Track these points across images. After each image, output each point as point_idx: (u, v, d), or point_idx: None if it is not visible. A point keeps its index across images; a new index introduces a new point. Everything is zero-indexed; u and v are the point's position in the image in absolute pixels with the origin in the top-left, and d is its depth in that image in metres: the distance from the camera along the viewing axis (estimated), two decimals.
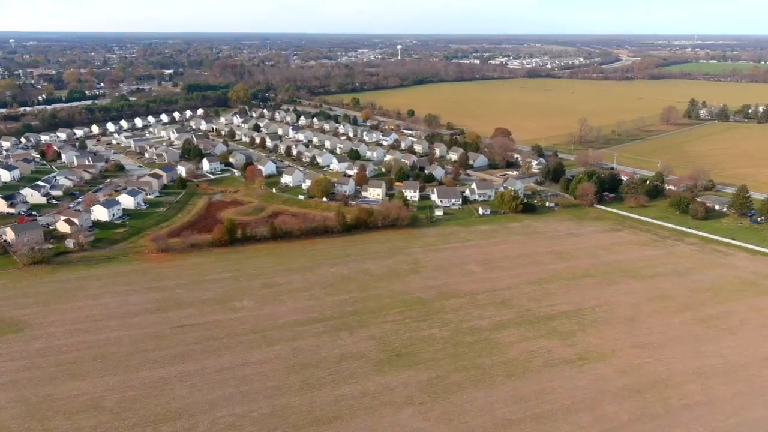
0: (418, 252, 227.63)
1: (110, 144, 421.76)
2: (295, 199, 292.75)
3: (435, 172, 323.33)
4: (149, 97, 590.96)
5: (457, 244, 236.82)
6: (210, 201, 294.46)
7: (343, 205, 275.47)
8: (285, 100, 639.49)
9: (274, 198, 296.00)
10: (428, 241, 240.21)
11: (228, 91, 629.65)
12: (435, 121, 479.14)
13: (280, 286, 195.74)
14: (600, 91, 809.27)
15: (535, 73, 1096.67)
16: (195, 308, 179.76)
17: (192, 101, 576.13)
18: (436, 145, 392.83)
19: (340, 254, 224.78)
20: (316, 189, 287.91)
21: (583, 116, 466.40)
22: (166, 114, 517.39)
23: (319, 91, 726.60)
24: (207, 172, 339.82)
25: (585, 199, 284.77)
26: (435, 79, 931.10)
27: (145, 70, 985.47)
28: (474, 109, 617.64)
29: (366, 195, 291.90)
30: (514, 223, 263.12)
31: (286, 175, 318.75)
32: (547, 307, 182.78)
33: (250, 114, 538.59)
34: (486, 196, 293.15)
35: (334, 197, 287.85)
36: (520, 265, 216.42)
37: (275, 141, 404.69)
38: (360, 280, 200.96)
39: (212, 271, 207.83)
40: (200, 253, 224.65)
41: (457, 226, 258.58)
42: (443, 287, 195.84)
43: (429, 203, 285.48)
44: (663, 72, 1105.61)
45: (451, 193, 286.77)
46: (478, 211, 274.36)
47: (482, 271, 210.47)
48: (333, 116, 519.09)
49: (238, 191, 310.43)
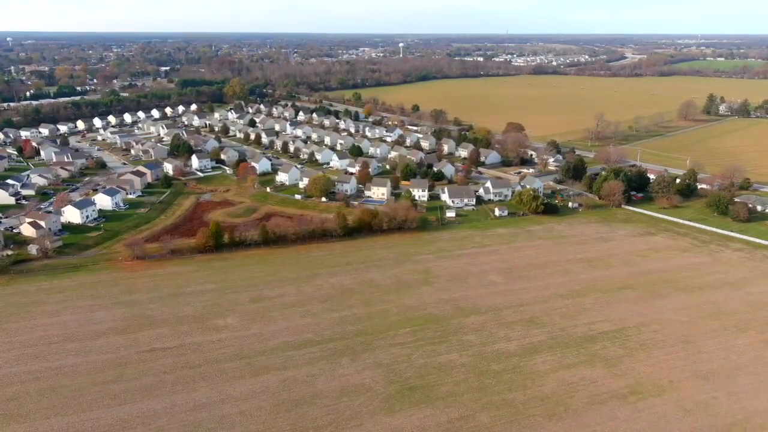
0: (429, 259, 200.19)
1: (95, 140, 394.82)
2: (291, 199, 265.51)
3: (445, 169, 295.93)
4: (140, 92, 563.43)
5: (473, 250, 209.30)
6: (197, 201, 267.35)
7: (344, 206, 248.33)
8: (283, 95, 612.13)
9: (268, 198, 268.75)
10: (440, 246, 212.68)
11: (224, 87, 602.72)
12: (441, 117, 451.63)
13: (271, 300, 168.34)
14: (610, 87, 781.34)
15: (541, 69, 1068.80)
16: (169, 327, 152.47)
17: (185, 97, 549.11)
18: (444, 141, 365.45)
19: (341, 262, 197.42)
20: (314, 188, 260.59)
21: (598, 111, 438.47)
22: (157, 109, 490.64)
23: (319, 87, 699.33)
24: (196, 170, 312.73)
25: (612, 199, 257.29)
26: (439, 75, 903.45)
27: (141, 67, 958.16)
28: (481, 105, 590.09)
29: (369, 194, 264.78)
30: (535, 226, 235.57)
31: (281, 172, 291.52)
32: (585, 325, 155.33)
33: (247, 110, 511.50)
34: (502, 195, 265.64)
35: (334, 197, 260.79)
36: (548, 274, 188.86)
37: (271, 137, 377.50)
38: (363, 293, 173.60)
39: (193, 282, 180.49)
40: (181, 261, 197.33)
41: (472, 230, 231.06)
42: (461, 301, 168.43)
43: (439, 204, 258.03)
44: (672, 69, 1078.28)
45: (464, 192, 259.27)
46: (494, 212, 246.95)
47: (504, 281, 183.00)
48: (333, 111, 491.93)
49: (229, 190, 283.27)
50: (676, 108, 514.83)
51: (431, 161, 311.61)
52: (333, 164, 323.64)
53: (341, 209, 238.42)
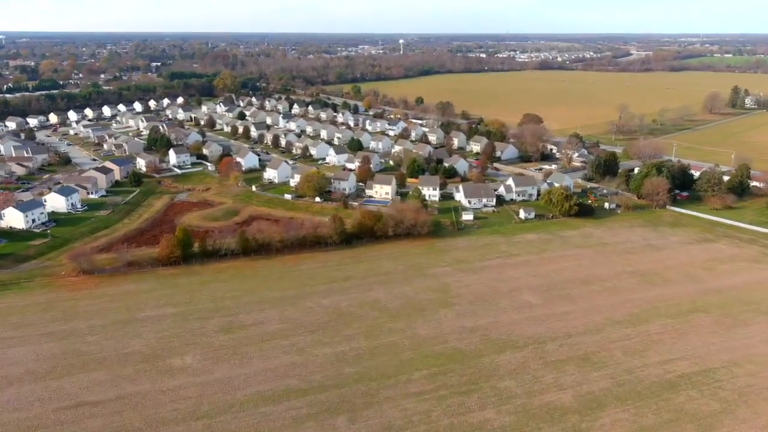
0: (446, 273, 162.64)
1: (67, 135, 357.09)
2: (279, 200, 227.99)
3: (457, 165, 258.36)
4: (122, 84, 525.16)
5: (498, 261, 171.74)
6: (171, 202, 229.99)
7: (342, 207, 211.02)
8: (278, 89, 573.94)
9: (253, 198, 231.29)
10: (458, 256, 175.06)
11: (214, 80, 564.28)
12: (449, 109, 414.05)
13: (246, 330, 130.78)
14: (621, 82, 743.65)
15: (547, 65, 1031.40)
16: (108, 370, 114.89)
17: (172, 90, 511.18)
18: (453, 134, 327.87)
19: (337, 277, 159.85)
20: (307, 186, 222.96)
21: (619, 103, 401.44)
22: (140, 103, 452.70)
23: (317, 81, 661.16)
24: (173, 166, 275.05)
25: (654, 198, 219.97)
26: (442, 70, 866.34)
27: (132, 62, 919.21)
28: (489, 99, 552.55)
29: (371, 194, 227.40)
30: (569, 231, 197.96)
31: (269, 169, 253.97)
32: (657, 365, 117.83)
33: (237, 103, 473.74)
34: (526, 195, 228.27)
35: (329, 197, 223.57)
36: (595, 293, 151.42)
37: (261, 130, 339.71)
38: (365, 319, 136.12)
39: (150, 305, 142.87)
40: (139, 276, 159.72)
41: (495, 235, 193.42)
42: (490, 330, 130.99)
43: (453, 204, 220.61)
44: (683, 64, 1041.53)
45: (482, 191, 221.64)
46: (518, 214, 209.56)
47: (542, 302, 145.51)
48: (331, 104, 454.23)
49: (209, 189, 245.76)
50: (695, 101, 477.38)
51: (441, 156, 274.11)
52: (329, 160, 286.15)
53: (338, 211, 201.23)
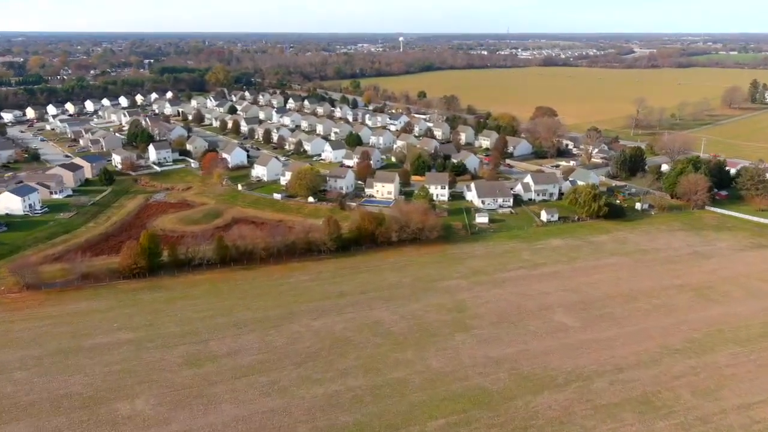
0: (461, 287, 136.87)
1: (42, 130, 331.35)
2: (267, 200, 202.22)
3: (467, 161, 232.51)
4: (108, 78, 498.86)
5: (521, 272, 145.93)
6: (146, 202, 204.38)
7: (338, 209, 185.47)
8: (273, 84, 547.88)
9: (239, 198, 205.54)
10: (475, 266, 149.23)
11: (206, 75, 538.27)
12: (454, 103, 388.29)
13: (217, 363, 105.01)
14: (630, 78, 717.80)
15: (551, 61, 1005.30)
16: (34, 420, 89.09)
17: (161, 84, 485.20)
18: (460, 128, 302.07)
19: (331, 292, 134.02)
20: (298, 185, 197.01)
21: (637, 97, 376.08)
22: (126, 97, 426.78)
23: (314, 76, 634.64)
24: (153, 163, 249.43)
25: (693, 198, 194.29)
26: (443, 66, 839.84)
27: (126, 59, 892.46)
28: (495, 94, 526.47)
29: (372, 193, 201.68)
30: (600, 236, 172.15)
31: (258, 165, 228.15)
32: (738, 411, 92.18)
33: (229, 98, 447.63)
34: (546, 194, 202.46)
35: (324, 197, 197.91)
36: (641, 312, 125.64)
37: (253, 125, 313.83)
38: (365, 347, 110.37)
39: (102, 329, 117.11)
40: (95, 291, 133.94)
41: (515, 241, 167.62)
42: (520, 361, 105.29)
43: (464, 205, 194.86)
44: (690, 60, 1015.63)
45: (497, 189, 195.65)
46: (539, 216, 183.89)
47: (580, 324, 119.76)
48: (328, 98, 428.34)
49: (190, 188, 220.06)
50: (710, 96, 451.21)
51: (448, 152, 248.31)
52: (325, 156, 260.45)
53: (333, 213, 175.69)
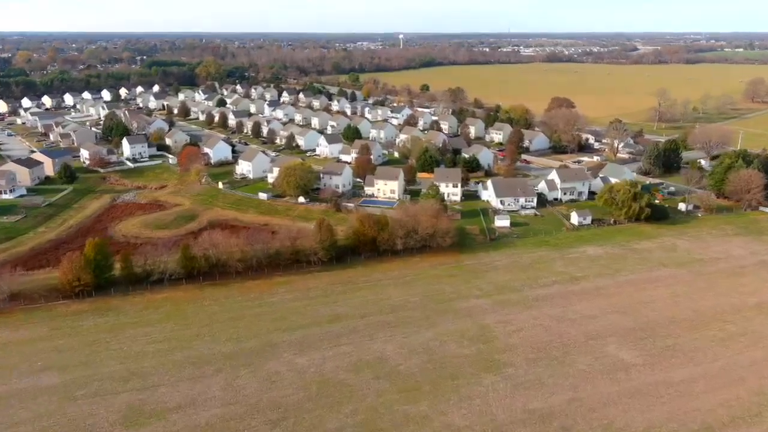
0: (484, 308, 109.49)
1: (12, 124, 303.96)
2: (252, 200, 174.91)
3: (480, 155, 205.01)
4: (91, 72, 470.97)
5: (557, 288, 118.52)
6: (112, 203, 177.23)
7: (333, 210, 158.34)
8: (267, 79, 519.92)
9: (219, 197, 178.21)
10: (499, 281, 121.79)
11: (197, 68, 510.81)
12: (460, 96, 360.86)
13: (164, 421, 77.50)
14: (639, 73, 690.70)
15: (556, 57, 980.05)
16: None
17: (148, 78, 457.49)
18: (469, 121, 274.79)
19: (322, 316, 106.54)
20: (287, 182, 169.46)
21: (659, 88, 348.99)
22: (109, 91, 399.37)
23: (311, 71, 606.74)
24: (127, 159, 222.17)
25: (745, 197, 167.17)
26: (445, 61, 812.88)
27: (118, 56, 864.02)
28: (503, 89, 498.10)
29: (372, 192, 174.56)
30: (644, 242, 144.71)
31: (242, 161, 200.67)
32: None
33: (220, 91, 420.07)
34: (574, 192, 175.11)
35: (317, 196, 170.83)
36: (716, 341, 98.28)
37: (241, 118, 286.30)
38: (364, 395, 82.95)
39: (21, 369, 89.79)
40: (25, 316, 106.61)
41: (544, 249, 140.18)
42: (575, 419, 77.87)
43: (480, 205, 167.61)
44: (698, 57, 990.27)
45: (519, 188, 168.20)
46: (569, 218, 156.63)
47: (642, 359, 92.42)
48: (325, 92, 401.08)
49: (164, 187, 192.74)
50: (726, 91, 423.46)
51: (458, 145, 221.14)
52: (320, 151, 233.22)
53: (327, 215, 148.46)
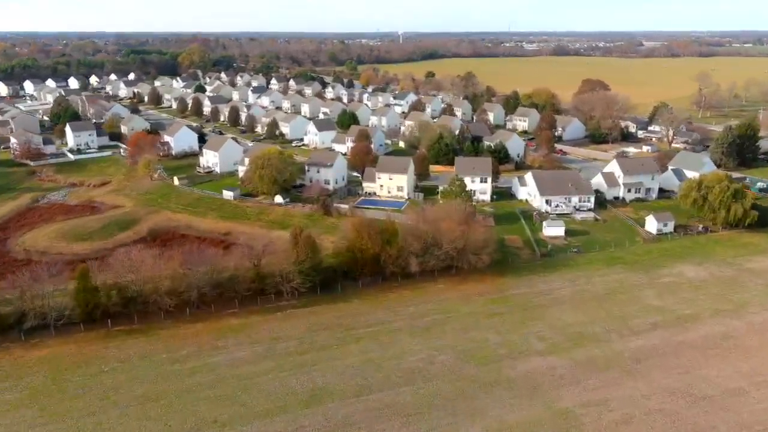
0: (557, 377, 67.04)
1: None
2: (214, 200, 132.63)
3: (509, 143, 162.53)
4: (60, 59, 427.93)
5: (660, 336, 75.87)
6: (33, 204, 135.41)
7: (321, 213, 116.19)
8: (258, 68, 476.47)
9: (173, 197, 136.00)
10: (567, 323, 79.26)
11: (180, 56, 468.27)
12: (472, 82, 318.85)
13: None
14: (655, 65, 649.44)
15: (563, 51, 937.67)
16: None
17: (125, 66, 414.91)
18: (486, 107, 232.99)
19: (294, 394, 63.74)
20: (259, 176, 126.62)
21: (699, 72, 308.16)
22: (77, 78, 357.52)
23: (306, 62, 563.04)
24: (69, 151, 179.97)
25: None
26: (448, 54, 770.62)
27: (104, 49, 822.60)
28: (516, 79, 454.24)
29: (373, 189, 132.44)
30: (758, 258, 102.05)
31: (207, 150, 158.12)
32: None
33: (204, 80, 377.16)
34: (641, 190, 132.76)
35: (300, 195, 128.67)
36: None
37: (217, 104, 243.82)
38: None
39: None
40: None
41: (620, 269, 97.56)
42: None
43: (515, 205, 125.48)
44: (711, 50, 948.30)
45: (570, 183, 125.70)
46: (643, 224, 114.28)
47: None
48: (318, 78, 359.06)
49: (107, 184, 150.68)
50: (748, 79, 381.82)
51: (479, 132, 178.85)
52: (309, 140, 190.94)
53: (314, 221, 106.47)
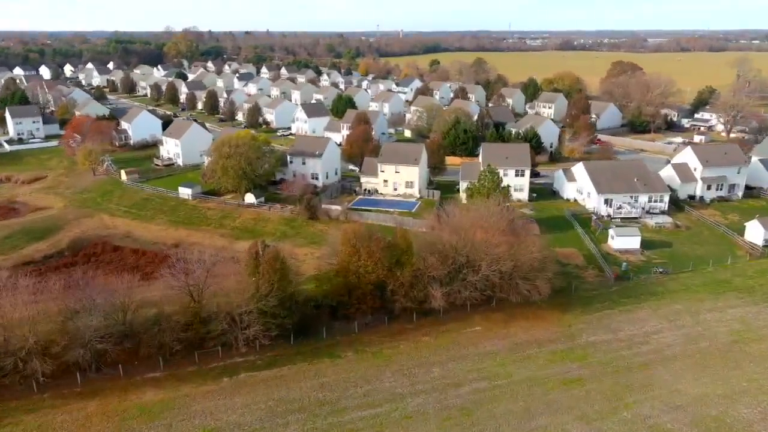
0: None
1: None
2: (168, 199, 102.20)
3: (542, 128, 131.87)
4: (32, 46, 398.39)
5: None
6: None
7: (306, 217, 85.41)
8: (249, 59, 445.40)
9: (116, 195, 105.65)
10: (684, 392, 48.67)
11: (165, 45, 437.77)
12: (483, 69, 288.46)
13: None
14: (668, 59, 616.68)
15: (569, 45, 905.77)
16: None
17: (105, 56, 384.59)
18: (505, 91, 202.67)
19: None
20: (222, 168, 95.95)
21: (737, 56, 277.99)
22: (48, 67, 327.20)
23: (302, 54, 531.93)
24: (6, 141, 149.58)
25: None
26: (452, 48, 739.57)
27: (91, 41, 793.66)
28: (528, 70, 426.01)
29: (373, 186, 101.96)
30: None
31: (168, 139, 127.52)
32: None
33: (189, 69, 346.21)
34: (723, 187, 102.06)
35: (279, 193, 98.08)
36: None
37: (195, 90, 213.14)
38: None
39: None
40: None
41: (730, 297, 66.83)
42: None
43: (562, 206, 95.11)
44: (722, 44, 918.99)
45: (636, 177, 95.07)
46: (743, 234, 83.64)
47: None
48: (313, 66, 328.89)
49: (41, 179, 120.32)
50: None
51: (503, 118, 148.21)
52: (297, 128, 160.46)
53: (295, 228, 75.89)
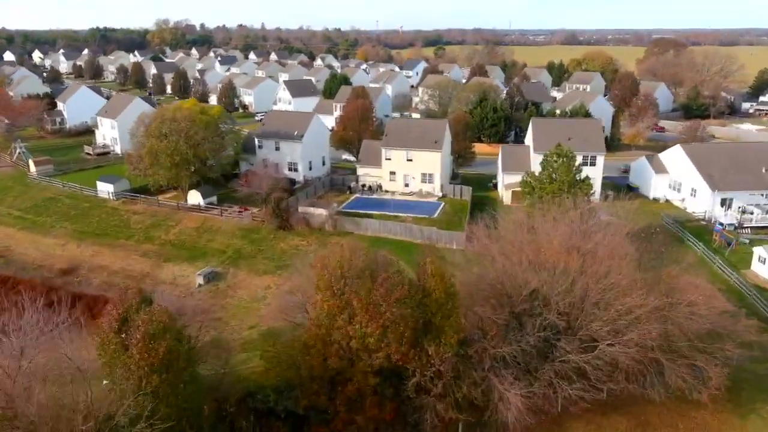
0: None
1: None
2: (83, 199, 71.75)
3: (592, 105, 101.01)
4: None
5: None
6: None
7: (274, 227, 54.33)
8: (240, 48, 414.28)
9: (13, 193, 75.05)
10: None
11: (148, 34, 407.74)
12: (495, 53, 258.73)
13: None
14: (684, 52, 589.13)
15: (574, 40, 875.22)
16: None
17: (81, 43, 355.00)
18: (529, 71, 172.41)
19: None
20: (150, 154, 65.19)
21: None
22: (12, 52, 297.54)
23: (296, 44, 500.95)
24: None
25: None
26: (454, 41, 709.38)
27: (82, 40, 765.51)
28: (541, 58, 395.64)
29: (376, 181, 71.38)
30: None
31: (104, 119, 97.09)
32: None
33: (170, 57, 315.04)
34: None
35: (238, 191, 67.51)
36: None
37: (163, 72, 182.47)
38: None
39: None
40: None
41: None
42: None
43: (650, 207, 64.77)
44: (731, 38, 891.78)
45: (766, 168, 65.38)
46: None
47: None
48: (306, 51, 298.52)
49: None
50: None
51: (537, 97, 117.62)
52: (280, 109, 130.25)
53: (259, 236, 45.14)
